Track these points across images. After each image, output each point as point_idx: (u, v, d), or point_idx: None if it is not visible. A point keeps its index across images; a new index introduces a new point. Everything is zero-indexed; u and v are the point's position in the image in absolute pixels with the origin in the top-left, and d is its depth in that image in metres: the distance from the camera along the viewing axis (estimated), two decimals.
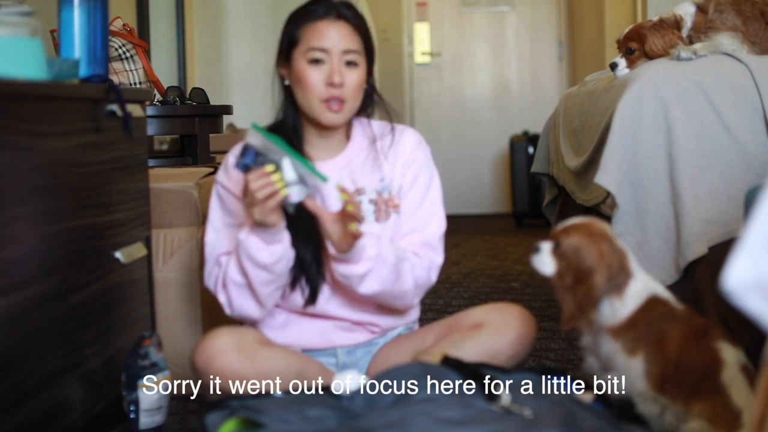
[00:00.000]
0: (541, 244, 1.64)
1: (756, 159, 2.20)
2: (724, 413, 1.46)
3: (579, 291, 1.57)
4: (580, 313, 1.57)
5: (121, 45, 2.85)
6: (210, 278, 1.87)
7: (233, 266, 1.79)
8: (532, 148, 5.80)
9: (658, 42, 2.43)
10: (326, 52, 1.79)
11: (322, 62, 1.79)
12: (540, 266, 1.64)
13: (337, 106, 1.80)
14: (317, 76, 1.79)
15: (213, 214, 1.88)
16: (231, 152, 1.90)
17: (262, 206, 1.67)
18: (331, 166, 1.88)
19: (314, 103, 1.81)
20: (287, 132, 1.86)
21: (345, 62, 1.80)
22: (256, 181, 1.66)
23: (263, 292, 1.78)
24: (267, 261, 1.74)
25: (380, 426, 1.40)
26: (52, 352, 1.67)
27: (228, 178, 1.88)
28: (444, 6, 6.68)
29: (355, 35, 1.82)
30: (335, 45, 1.79)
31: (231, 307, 1.83)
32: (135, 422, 1.93)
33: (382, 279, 1.78)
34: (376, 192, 1.89)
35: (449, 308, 3.29)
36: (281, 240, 1.75)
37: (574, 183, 2.79)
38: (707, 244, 2.15)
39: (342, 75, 1.79)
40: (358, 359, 1.92)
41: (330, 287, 1.86)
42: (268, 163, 1.66)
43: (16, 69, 1.62)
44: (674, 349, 1.52)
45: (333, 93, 1.79)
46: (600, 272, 1.56)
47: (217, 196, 1.89)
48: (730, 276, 0.81)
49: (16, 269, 1.54)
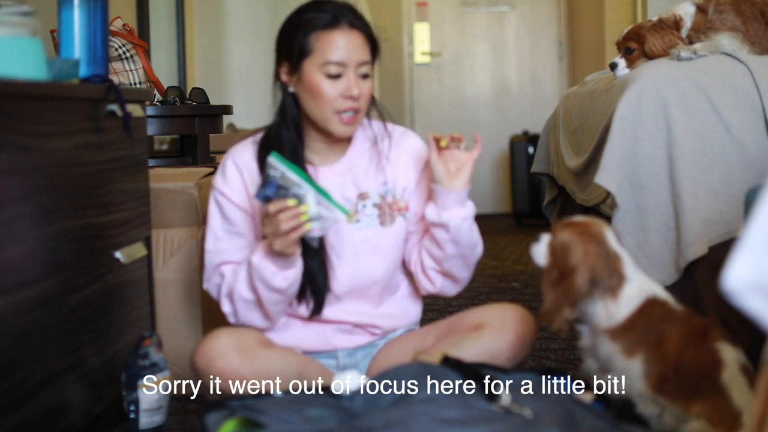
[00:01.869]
0: (543, 235, 1.65)
1: (756, 159, 2.20)
2: (725, 413, 1.45)
3: (560, 288, 1.58)
4: (556, 310, 1.58)
5: (121, 45, 2.85)
6: (209, 283, 1.87)
7: (243, 284, 1.78)
8: (532, 148, 5.80)
9: (657, 42, 2.43)
10: (344, 66, 1.76)
11: (340, 76, 1.77)
12: (535, 256, 1.65)
13: (352, 118, 1.79)
14: (333, 89, 1.77)
15: (212, 220, 1.87)
16: (228, 156, 1.89)
17: (284, 238, 1.66)
18: (334, 171, 1.88)
19: (328, 115, 1.78)
20: (289, 137, 1.84)
21: (360, 75, 1.79)
22: (281, 214, 1.65)
23: (273, 309, 1.80)
24: (281, 286, 1.74)
25: (380, 426, 1.40)
26: (52, 352, 1.67)
27: (226, 184, 1.86)
28: (444, 6, 6.68)
29: (367, 45, 1.81)
30: (352, 58, 1.77)
31: (236, 318, 1.84)
32: (135, 422, 1.93)
33: (477, 230, 1.87)
34: (380, 196, 1.88)
35: (449, 308, 3.29)
36: (296, 266, 1.75)
37: (574, 183, 2.79)
38: (707, 244, 2.15)
39: (360, 87, 1.78)
40: (359, 361, 1.92)
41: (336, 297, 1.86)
42: (290, 197, 1.64)
43: (16, 69, 1.62)
44: (673, 350, 1.52)
45: (350, 105, 1.78)
46: (581, 272, 1.56)
47: (216, 203, 1.87)
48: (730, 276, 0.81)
49: (16, 269, 1.54)
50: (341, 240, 1.84)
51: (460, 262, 1.86)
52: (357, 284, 1.86)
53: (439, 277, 1.89)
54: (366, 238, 1.86)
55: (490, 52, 6.71)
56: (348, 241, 1.85)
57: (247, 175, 1.84)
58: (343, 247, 1.84)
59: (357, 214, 1.87)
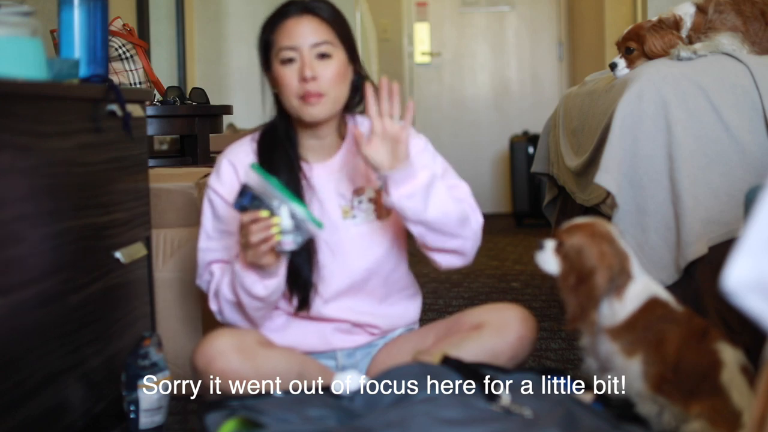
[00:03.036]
0: (545, 241, 1.64)
1: (756, 159, 2.20)
2: (725, 414, 1.45)
3: (581, 291, 1.57)
4: (583, 314, 1.57)
5: (121, 45, 2.85)
6: (201, 280, 1.89)
7: (226, 286, 1.79)
8: (532, 148, 5.80)
9: (657, 42, 2.43)
10: (295, 49, 1.78)
11: (294, 60, 1.78)
12: (542, 264, 1.64)
13: (315, 99, 1.78)
14: (290, 75, 1.78)
15: (205, 219, 1.88)
16: (223, 155, 1.89)
17: (254, 250, 1.66)
18: (328, 169, 1.88)
19: (293, 102, 1.80)
20: (279, 138, 1.85)
21: (316, 55, 1.78)
22: (250, 225, 1.64)
23: (255, 315, 1.81)
24: (261, 294, 1.74)
25: (380, 426, 1.40)
26: (52, 352, 1.67)
27: (220, 183, 1.86)
28: (444, 6, 6.69)
29: (324, 26, 1.80)
30: (303, 41, 1.78)
31: (222, 316, 1.85)
32: (135, 422, 1.93)
33: (444, 198, 1.76)
34: (375, 190, 1.88)
35: (449, 308, 3.29)
36: (277, 275, 1.74)
37: (574, 183, 2.79)
38: (707, 244, 2.15)
39: (314, 68, 1.77)
40: (358, 361, 1.92)
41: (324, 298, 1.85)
42: (263, 207, 1.63)
43: (16, 69, 1.62)
44: (673, 350, 1.52)
45: (307, 88, 1.77)
46: (601, 272, 1.56)
47: (209, 201, 1.88)
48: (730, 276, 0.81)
49: (16, 269, 1.54)
50: (338, 237, 1.84)
51: (440, 236, 1.79)
52: (354, 280, 1.86)
53: (434, 254, 1.85)
54: (362, 233, 1.86)
55: (490, 52, 6.71)
56: (344, 238, 1.85)
57: (242, 173, 1.85)
58: (339, 245, 1.85)
59: (353, 210, 1.87)
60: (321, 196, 1.85)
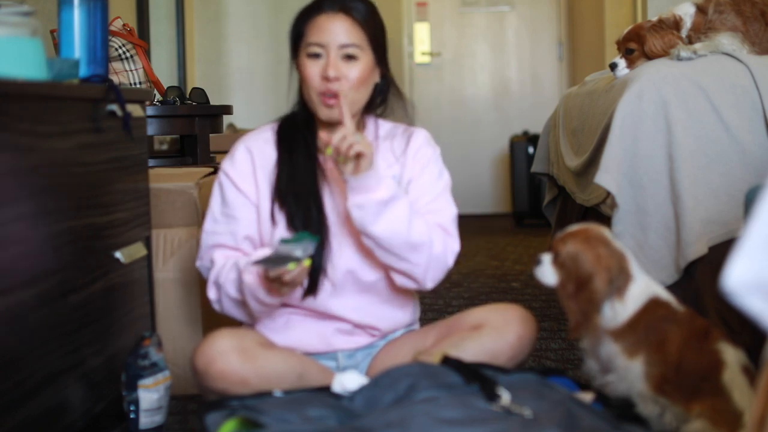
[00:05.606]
0: (542, 256, 1.65)
1: (756, 159, 2.20)
2: (726, 414, 1.45)
3: (581, 297, 1.57)
4: (585, 320, 1.57)
5: (121, 45, 2.85)
6: (201, 262, 1.90)
7: (231, 284, 1.79)
8: (532, 148, 5.80)
9: (657, 43, 2.43)
10: (323, 46, 1.80)
11: (320, 56, 1.80)
12: (542, 278, 1.64)
13: (333, 100, 1.79)
14: (314, 70, 1.80)
15: (213, 202, 1.89)
16: (241, 141, 1.90)
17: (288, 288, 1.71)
18: None
19: (313, 97, 1.82)
20: (299, 126, 1.87)
21: (343, 56, 1.80)
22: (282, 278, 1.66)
23: (258, 314, 1.82)
24: (271, 303, 1.76)
25: (380, 426, 1.40)
26: (52, 352, 1.67)
27: (233, 167, 1.88)
28: (444, 6, 6.68)
29: (356, 28, 1.81)
30: (332, 39, 1.79)
31: (220, 306, 1.85)
32: (135, 422, 1.93)
33: (397, 220, 1.74)
34: None
35: (449, 308, 3.29)
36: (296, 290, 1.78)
37: (574, 183, 2.79)
38: (707, 244, 2.15)
39: (338, 69, 1.78)
40: (359, 362, 1.92)
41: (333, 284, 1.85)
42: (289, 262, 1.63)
43: (16, 69, 1.62)
44: (674, 351, 1.52)
45: (328, 87, 1.79)
46: (599, 276, 1.56)
47: (219, 185, 1.89)
48: (730, 276, 0.81)
49: (16, 269, 1.54)
50: (347, 227, 1.84)
51: (387, 254, 1.78)
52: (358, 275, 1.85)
53: (389, 271, 1.85)
54: None
55: (490, 52, 6.71)
56: (352, 232, 1.85)
57: (258, 160, 1.86)
58: (346, 230, 1.84)
59: None
60: (333, 188, 1.86)
